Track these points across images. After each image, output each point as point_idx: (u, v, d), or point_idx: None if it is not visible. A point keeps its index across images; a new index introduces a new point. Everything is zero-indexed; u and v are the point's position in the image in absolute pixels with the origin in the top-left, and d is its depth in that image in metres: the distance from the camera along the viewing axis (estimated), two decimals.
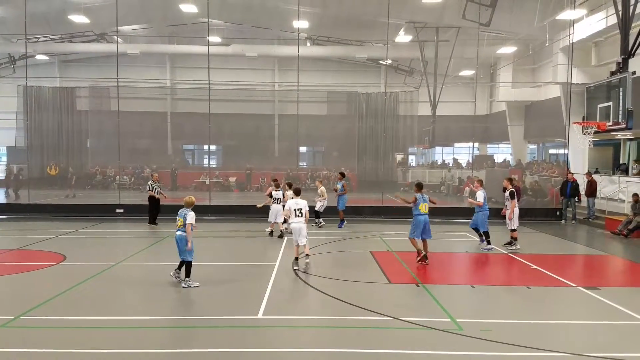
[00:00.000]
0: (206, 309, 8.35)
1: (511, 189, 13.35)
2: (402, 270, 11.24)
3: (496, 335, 7.01)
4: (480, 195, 13.27)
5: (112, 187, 29.86)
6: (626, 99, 14.00)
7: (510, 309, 8.67)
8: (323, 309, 8.48)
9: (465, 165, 33.31)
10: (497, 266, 12.11)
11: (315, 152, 38.69)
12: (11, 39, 29.12)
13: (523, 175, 25.70)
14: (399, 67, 33.22)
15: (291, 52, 25.32)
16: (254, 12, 28.11)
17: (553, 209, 20.20)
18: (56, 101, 33.59)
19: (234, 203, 23.33)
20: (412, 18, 26.07)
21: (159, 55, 34.26)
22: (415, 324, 7.45)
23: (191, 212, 9.41)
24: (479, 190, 13.39)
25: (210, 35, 23.51)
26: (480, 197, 13.25)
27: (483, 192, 13.35)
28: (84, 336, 7.03)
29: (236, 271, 11.04)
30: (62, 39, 31.65)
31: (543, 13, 21.86)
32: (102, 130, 30.65)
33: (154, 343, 6.84)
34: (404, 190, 30.08)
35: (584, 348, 6.71)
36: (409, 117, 33.42)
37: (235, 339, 6.99)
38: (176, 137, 35.76)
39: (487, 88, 34.07)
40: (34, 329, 7.30)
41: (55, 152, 32.97)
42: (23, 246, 13.54)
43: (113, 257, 12.02)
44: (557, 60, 23.30)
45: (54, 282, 9.78)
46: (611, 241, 15.70)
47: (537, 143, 35.77)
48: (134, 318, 7.84)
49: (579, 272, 12.31)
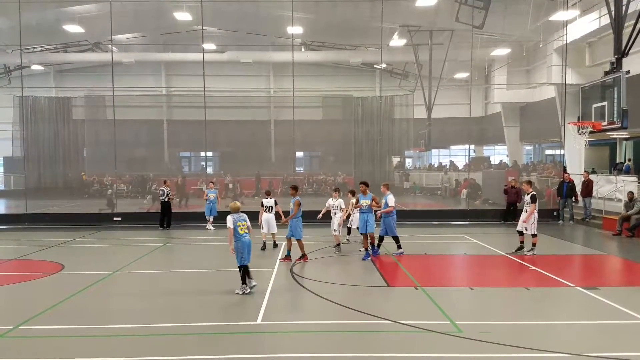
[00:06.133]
0: (205, 315, 8.32)
1: (532, 192, 12.91)
2: (401, 274, 11.24)
3: (496, 337, 7.00)
4: (391, 200, 12.73)
5: (109, 195, 29.75)
6: (621, 99, 14.04)
7: (510, 310, 8.67)
8: (322, 314, 8.47)
9: (462, 168, 33.38)
10: (496, 268, 12.11)
11: (312, 157, 38.71)
12: (6, 50, 29.05)
13: (519, 177, 25.75)
14: (393, 71, 33.32)
15: (286, 58, 25.37)
16: (248, 18, 28.16)
17: (550, 209, 20.24)
18: (52, 111, 33.55)
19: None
20: (405, 22, 26.17)
21: (154, 63, 34.29)
22: (414, 327, 7.45)
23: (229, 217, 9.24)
24: (390, 195, 12.81)
25: (204, 43, 23.55)
26: (391, 201, 12.71)
27: (392, 195, 12.84)
28: (82, 345, 7.00)
29: (235, 277, 11.00)
30: (57, 48, 31.67)
31: (536, 14, 21.97)
32: (99, 139, 30.63)
33: (152, 351, 6.81)
34: (405, 194, 30.19)
35: (583, 348, 6.71)
36: (405, 121, 33.48)
37: (234, 345, 6.97)
38: (173, 145, 35.74)
39: (482, 90, 34.17)
40: (33, 338, 7.27)
41: (52, 162, 32.88)
42: (21, 256, 13.48)
43: (111, 265, 11.98)
44: (552, 61, 23.41)
45: (52, 292, 9.74)
46: (609, 241, 15.74)
47: (533, 144, 35.87)
48: (132, 326, 7.81)
49: (578, 273, 12.32)
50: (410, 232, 17.42)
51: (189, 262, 12.73)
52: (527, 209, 12.91)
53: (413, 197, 30.48)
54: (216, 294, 9.62)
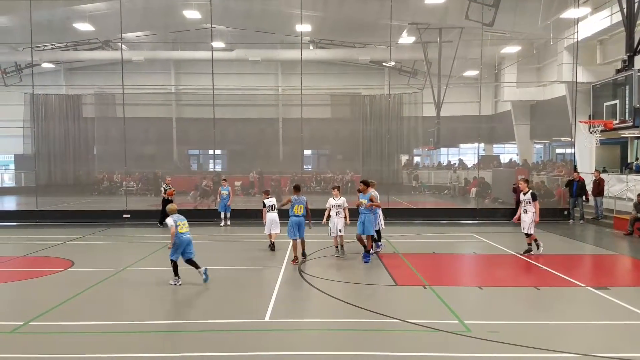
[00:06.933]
0: (213, 312, 8.35)
1: (531, 191, 12.62)
2: (409, 272, 11.21)
3: (504, 337, 6.96)
4: (378, 196, 12.28)
5: (119, 192, 30.02)
6: (633, 97, 13.91)
7: (519, 310, 8.61)
8: (330, 312, 8.46)
9: (471, 166, 33.22)
10: (505, 267, 12.03)
11: (320, 155, 38.72)
12: (17, 48, 29.36)
13: (530, 175, 25.59)
14: (402, 69, 33.22)
15: (294, 56, 25.39)
16: (257, 16, 28.21)
17: (560, 208, 20.08)
18: (62, 108, 33.89)
19: (244, 207, 23.22)
20: (414, 19, 26.07)
21: (163, 61, 34.49)
22: (422, 326, 7.42)
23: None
24: (374, 191, 12.24)
25: (213, 41, 23.60)
26: (378, 197, 12.27)
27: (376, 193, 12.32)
28: (92, 341, 7.06)
29: (243, 274, 11.05)
30: (67, 47, 31.96)
31: (547, 12, 21.79)
32: (108, 137, 30.87)
33: (161, 347, 6.86)
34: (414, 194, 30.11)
35: (593, 349, 6.65)
36: (413, 119, 33.38)
37: (243, 342, 6.99)
38: (181, 143, 35.95)
39: (491, 88, 33.97)
40: (43, 334, 7.34)
41: (62, 159, 33.22)
42: (31, 252, 13.61)
43: (120, 262, 12.07)
44: (562, 59, 23.20)
45: (62, 288, 9.83)
46: (620, 240, 15.58)
47: (543, 142, 35.61)
48: (141, 322, 7.86)
49: (588, 272, 12.22)
50: (419, 230, 17.38)
51: (198, 259, 12.74)
52: (528, 209, 12.46)
53: (421, 195, 30.36)
54: (225, 291, 9.65)
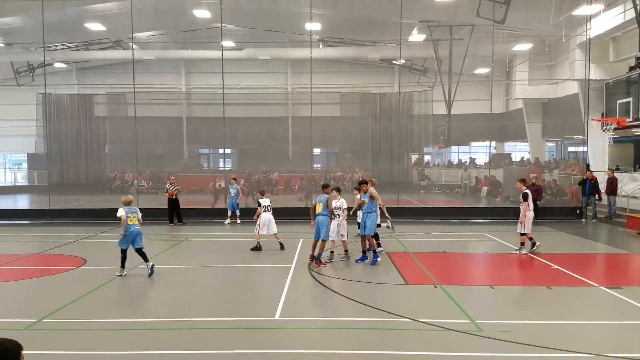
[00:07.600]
0: (223, 310, 8.38)
1: (524, 191, 12.54)
2: (420, 272, 11.16)
3: (516, 337, 6.90)
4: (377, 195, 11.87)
5: (130, 191, 30.23)
6: None
7: (531, 309, 8.54)
8: (340, 311, 8.46)
9: (483, 165, 32.98)
10: (517, 266, 11.93)
11: (329, 154, 38.68)
12: (29, 48, 29.69)
13: (542, 174, 25.36)
14: (412, 67, 33.03)
15: (304, 55, 25.35)
16: (266, 15, 28.24)
17: (573, 207, 19.88)
18: (74, 108, 34.19)
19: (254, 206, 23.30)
20: (425, 17, 25.90)
21: (174, 60, 34.65)
22: (433, 326, 7.38)
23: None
24: (374, 190, 11.92)
25: (223, 40, 23.66)
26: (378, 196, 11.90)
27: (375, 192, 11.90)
28: (105, 338, 7.12)
29: (253, 272, 11.08)
30: (79, 46, 32.20)
31: (559, 9, 21.56)
32: (120, 136, 31.08)
33: (172, 344, 6.88)
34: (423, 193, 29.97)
35: (606, 349, 6.57)
36: (424, 117, 33.20)
37: (253, 340, 7.01)
38: (192, 142, 36.12)
39: (503, 86, 33.69)
40: (56, 331, 7.42)
41: (75, 158, 33.54)
42: (44, 250, 13.76)
43: (133, 260, 12.13)
44: (574, 57, 22.93)
45: (75, 286, 9.91)
46: (634, 240, 15.38)
47: (555, 141, 35.26)
48: (153, 320, 7.91)
49: (601, 272, 12.09)
50: (429, 229, 17.30)
51: (208, 257, 12.83)
52: (521, 207, 12.46)
53: (431, 194, 30.20)
54: (234, 289, 9.68)
